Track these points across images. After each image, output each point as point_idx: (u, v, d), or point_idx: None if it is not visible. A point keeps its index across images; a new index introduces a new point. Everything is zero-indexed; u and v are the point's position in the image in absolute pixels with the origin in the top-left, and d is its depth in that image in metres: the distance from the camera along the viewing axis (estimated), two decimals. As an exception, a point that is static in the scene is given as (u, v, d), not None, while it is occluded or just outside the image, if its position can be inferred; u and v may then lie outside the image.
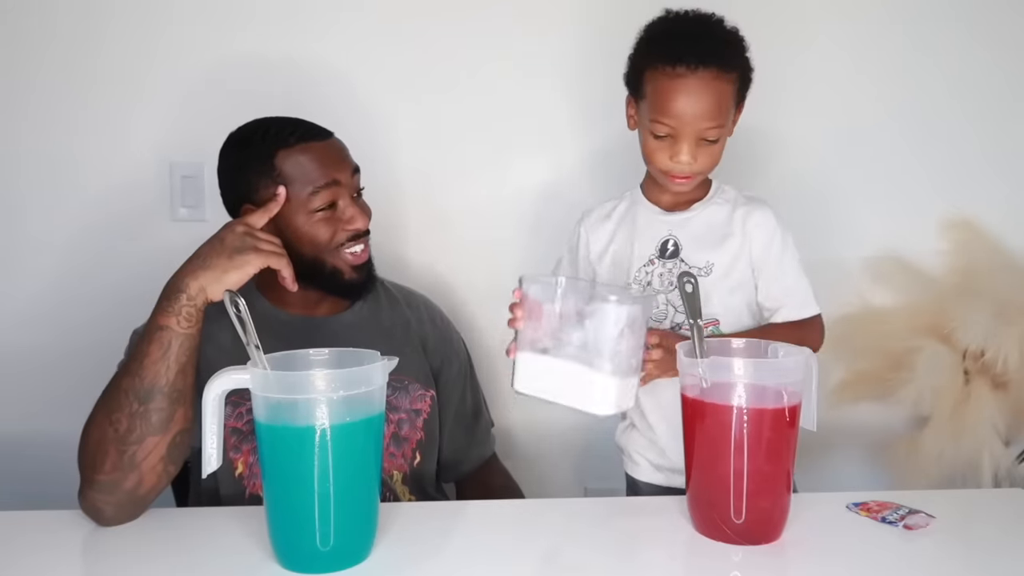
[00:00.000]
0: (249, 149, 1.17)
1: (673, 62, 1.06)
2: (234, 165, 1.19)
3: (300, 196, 1.15)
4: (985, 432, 1.56)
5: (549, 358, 0.95)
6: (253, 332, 0.82)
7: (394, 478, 1.21)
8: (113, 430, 0.96)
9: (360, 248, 1.20)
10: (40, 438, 1.60)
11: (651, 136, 1.11)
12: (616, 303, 0.90)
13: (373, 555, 0.86)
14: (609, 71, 1.21)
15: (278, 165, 1.15)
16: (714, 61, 1.06)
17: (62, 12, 1.60)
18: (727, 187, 1.21)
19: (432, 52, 1.64)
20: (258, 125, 1.20)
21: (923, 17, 1.68)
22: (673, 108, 1.07)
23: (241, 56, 1.62)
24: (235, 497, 1.12)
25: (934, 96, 1.69)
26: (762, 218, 1.16)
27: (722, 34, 1.12)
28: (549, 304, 0.94)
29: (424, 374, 1.28)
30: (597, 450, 1.65)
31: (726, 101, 1.09)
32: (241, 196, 1.18)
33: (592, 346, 0.91)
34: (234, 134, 1.21)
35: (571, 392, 0.94)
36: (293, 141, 1.16)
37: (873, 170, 1.70)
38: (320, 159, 1.16)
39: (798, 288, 1.17)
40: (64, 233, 1.63)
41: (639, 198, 1.22)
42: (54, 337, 1.63)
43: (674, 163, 1.10)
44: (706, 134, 1.08)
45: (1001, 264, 1.68)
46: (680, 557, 0.90)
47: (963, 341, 1.58)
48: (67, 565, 0.87)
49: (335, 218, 1.17)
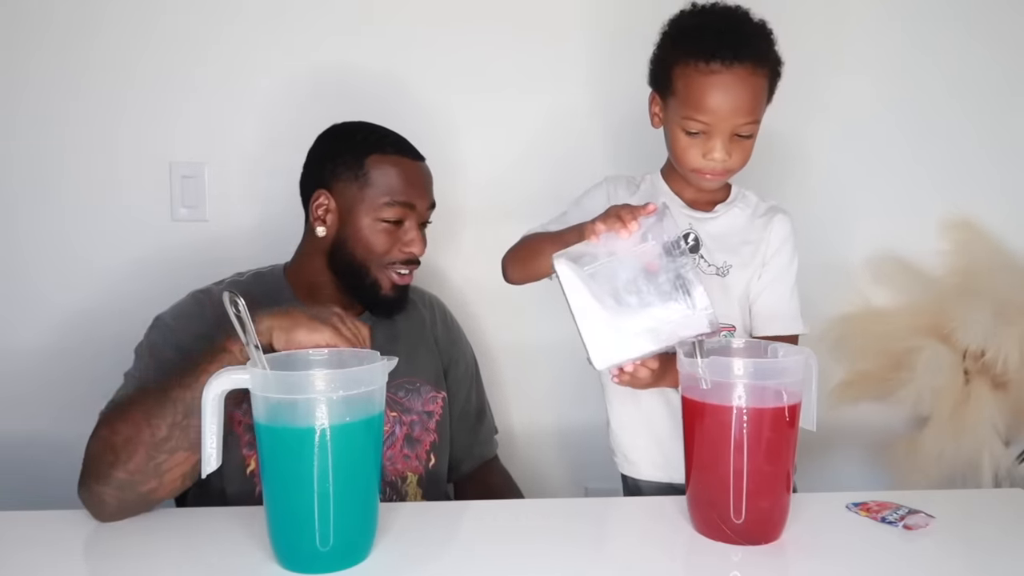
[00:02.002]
0: (347, 142, 1.22)
1: (707, 58, 1.04)
2: (327, 153, 1.23)
3: (375, 202, 1.19)
4: (985, 432, 1.56)
5: (594, 285, 0.90)
6: (253, 332, 0.82)
7: (408, 480, 1.21)
8: (150, 433, 0.95)
9: (406, 271, 1.24)
10: (39, 438, 1.60)
11: (682, 133, 1.09)
12: (704, 312, 0.87)
13: (373, 555, 0.86)
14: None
15: (367, 166, 1.20)
16: (749, 55, 1.05)
17: (62, 10, 1.60)
18: (748, 192, 1.20)
19: (447, 56, 1.64)
20: (363, 125, 1.25)
21: (923, 16, 1.68)
22: (708, 105, 1.05)
23: (241, 56, 1.62)
24: (244, 495, 1.12)
25: (934, 95, 1.70)
26: (779, 226, 1.17)
27: (754, 27, 1.09)
28: (649, 246, 0.89)
29: (436, 375, 1.30)
30: (597, 450, 1.64)
31: (760, 95, 1.08)
32: (320, 183, 1.22)
33: (627, 302, 0.88)
34: (337, 126, 1.26)
35: (587, 324, 0.91)
36: (389, 150, 1.21)
37: (873, 170, 1.70)
38: (405, 176, 1.21)
39: (792, 303, 1.17)
40: (64, 233, 1.63)
41: (661, 186, 1.20)
42: (54, 337, 1.63)
43: (707, 160, 1.08)
44: (740, 130, 1.07)
45: (1001, 264, 1.68)
46: (680, 557, 0.90)
47: (963, 341, 1.58)
48: (67, 565, 0.87)
49: (397, 235, 1.21)
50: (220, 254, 1.63)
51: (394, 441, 1.21)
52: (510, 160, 1.67)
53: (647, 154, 1.26)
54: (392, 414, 1.22)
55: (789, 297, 1.17)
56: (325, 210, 1.21)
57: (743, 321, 1.17)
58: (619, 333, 0.89)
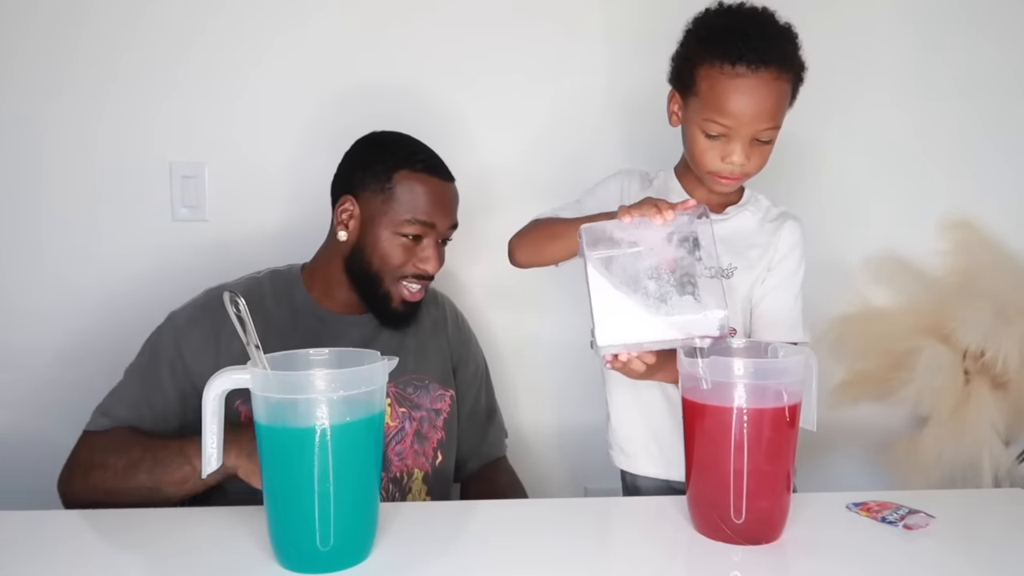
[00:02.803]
0: (379, 153, 1.23)
1: (733, 60, 1.02)
2: (359, 160, 1.25)
3: (397, 217, 1.21)
4: (985, 432, 1.56)
5: (615, 266, 0.89)
6: (253, 332, 0.82)
7: (414, 476, 1.22)
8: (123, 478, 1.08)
9: (418, 288, 1.25)
10: (39, 438, 1.60)
11: (701, 135, 1.07)
12: (716, 316, 0.87)
13: (373, 555, 0.86)
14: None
15: (394, 180, 1.21)
16: (775, 60, 1.03)
17: (60, 6, 1.59)
18: (761, 196, 1.20)
19: (455, 52, 1.64)
20: (400, 137, 1.27)
21: (927, 17, 1.68)
22: (730, 108, 1.03)
23: (241, 55, 1.62)
24: (249, 493, 1.12)
25: (934, 95, 1.69)
26: (789, 232, 1.16)
27: (780, 31, 1.07)
28: (671, 236, 0.89)
29: (444, 374, 1.31)
30: (597, 450, 1.64)
31: (783, 101, 1.06)
32: (348, 189, 1.23)
33: (644, 289, 0.88)
34: (375, 134, 1.28)
35: (601, 300, 0.90)
36: (419, 167, 1.22)
37: (873, 170, 1.70)
38: (431, 196, 1.22)
39: (794, 310, 1.16)
40: (64, 233, 1.63)
41: (673, 184, 1.19)
42: (55, 337, 1.63)
43: (725, 164, 1.07)
44: (761, 135, 1.06)
45: (1001, 264, 1.68)
46: (680, 557, 0.90)
47: (963, 341, 1.58)
48: (67, 565, 0.87)
49: (414, 251, 1.23)
50: (220, 254, 1.63)
51: (404, 436, 1.22)
52: (520, 159, 1.66)
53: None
54: (402, 410, 1.23)
55: (792, 304, 1.16)
56: (349, 216, 1.23)
57: (744, 325, 1.17)
58: (630, 317, 0.89)
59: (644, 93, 1.48)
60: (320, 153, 1.29)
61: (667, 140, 1.20)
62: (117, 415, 1.16)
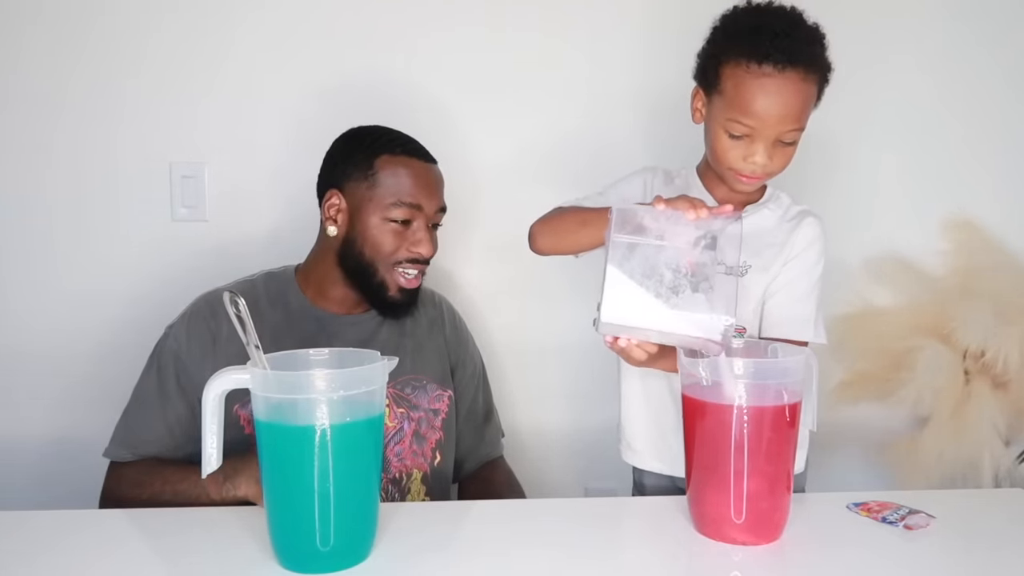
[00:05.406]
0: (359, 143, 1.25)
1: (760, 60, 1.00)
2: (340, 154, 1.26)
3: (383, 201, 1.21)
4: (985, 432, 1.56)
5: (637, 249, 0.89)
6: (253, 332, 0.82)
7: (413, 476, 1.22)
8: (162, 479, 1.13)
9: (415, 273, 1.25)
10: (41, 438, 1.60)
11: (725, 134, 1.05)
12: (722, 321, 0.87)
13: (373, 555, 0.86)
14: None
15: (376, 166, 1.22)
16: (802, 61, 1.01)
17: (61, 5, 1.59)
18: (782, 194, 1.18)
19: (456, 53, 1.64)
20: (376, 128, 1.28)
21: (928, 17, 1.68)
22: (756, 108, 1.02)
23: (242, 56, 1.62)
24: None
25: (934, 96, 1.69)
26: (808, 228, 1.14)
27: (809, 32, 1.05)
28: (699, 240, 0.89)
29: (442, 374, 1.31)
30: (597, 450, 1.65)
31: (809, 102, 1.05)
32: (333, 183, 1.24)
33: (659, 277, 0.88)
34: (353, 129, 1.29)
35: (614, 279, 0.90)
36: (399, 151, 1.23)
37: (873, 170, 1.70)
38: (415, 178, 1.23)
39: (806, 308, 1.13)
40: (64, 233, 1.63)
41: (694, 181, 1.18)
42: (55, 338, 1.63)
43: (747, 163, 1.05)
44: (785, 136, 1.04)
45: (1001, 264, 1.68)
46: (680, 557, 0.90)
47: (963, 341, 1.58)
48: (68, 565, 0.87)
49: (405, 235, 1.23)
50: (220, 254, 1.62)
51: (402, 437, 1.22)
52: (520, 160, 1.66)
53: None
54: (400, 410, 1.23)
55: (805, 301, 1.13)
56: (336, 209, 1.23)
57: (755, 324, 1.15)
58: (638, 301, 0.89)
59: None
60: (320, 153, 1.29)
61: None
62: (139, 447, 1.18)
